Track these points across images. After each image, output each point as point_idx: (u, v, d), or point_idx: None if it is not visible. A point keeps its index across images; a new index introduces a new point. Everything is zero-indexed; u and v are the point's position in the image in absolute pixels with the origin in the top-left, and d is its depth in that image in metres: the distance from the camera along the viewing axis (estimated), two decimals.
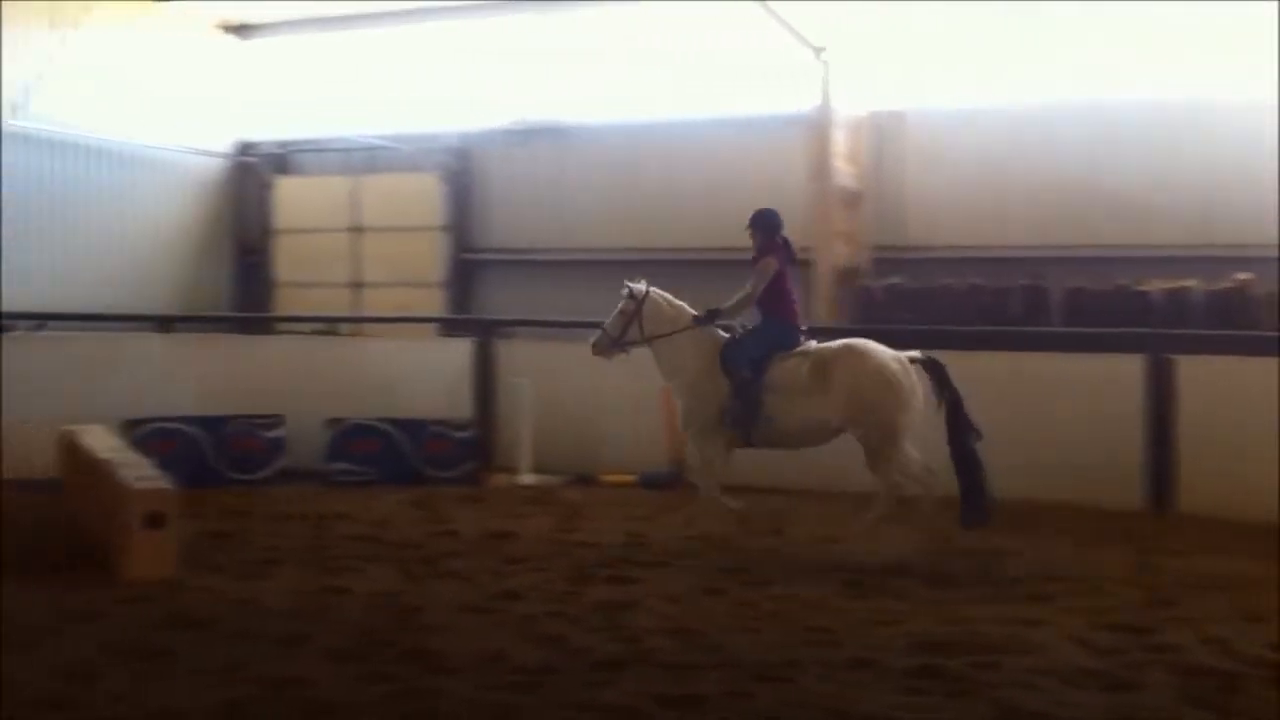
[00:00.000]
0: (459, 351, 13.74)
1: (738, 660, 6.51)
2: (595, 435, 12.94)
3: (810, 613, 7.61)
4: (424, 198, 18.66)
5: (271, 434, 12.80)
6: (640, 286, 10.12)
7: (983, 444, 9.44)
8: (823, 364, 9.53)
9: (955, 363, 12.34)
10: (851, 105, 16.19)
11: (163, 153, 18.37)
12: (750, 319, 10.02)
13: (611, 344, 10.17)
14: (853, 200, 16.15)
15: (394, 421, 12.86)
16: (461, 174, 18.67)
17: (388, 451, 12.77)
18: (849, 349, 9.62)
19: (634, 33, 17.80)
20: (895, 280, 15.77)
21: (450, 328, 16.12)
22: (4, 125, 16.26)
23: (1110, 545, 9.71)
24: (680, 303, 10.13)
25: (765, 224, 10.09)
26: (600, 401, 12.90)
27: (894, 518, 9.44)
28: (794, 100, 16.29)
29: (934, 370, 9.63)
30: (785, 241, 10.08)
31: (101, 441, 10.30)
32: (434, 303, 18.34)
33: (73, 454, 10.57)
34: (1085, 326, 13.92)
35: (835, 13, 15.80)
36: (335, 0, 18.60)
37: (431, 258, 18.59)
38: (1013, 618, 7.44)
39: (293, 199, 19.66)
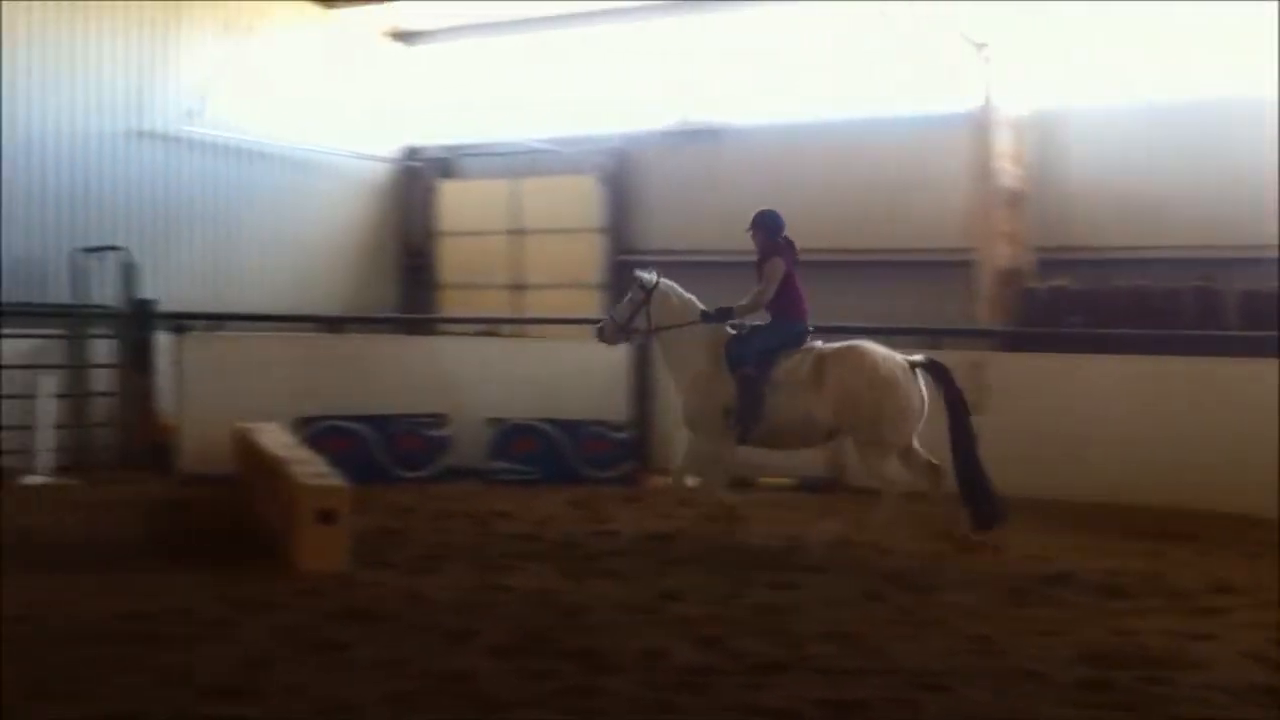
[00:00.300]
0: (617, 352, 13.84)
1: (899, 667, 6.46)
2: None
3: (972, 620, 7.50)
4: (583, 200, 18.85)
5: (436, 433, 13.12)
6: (650, 276, 10.25)
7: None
8: (821, 363, 9.65)
9: (1122, 367, 12.25)
10: (1014, 103, 15.87)
11: (331, 157, 18.90)
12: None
13: (617, 331, 10.36)
14: (1016, 200, 15.82)
15: (553, 421, 13.06)
16: (620, 176, 18.81)
17: (547, 451, 12.98)
18: (849, 349, 9.75)
19: (792, 32, 17.71)
20: (1060, 282, 15.41)
21: None
22: (181, 131, 16.93)
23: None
24: (689, 296, 10.28)
25: (767, 225, 10.13)
26: None
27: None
28: (956, 99, 16.02)
29: (937, 373, 9.73)
30: (788, 242, 10.12)
31: (275, 439, 10.67)
32: (593, 304, 18.50)
33: (248, 450, 10.96)
34: (1260, 330, 13.41)
35: (998, 9, 15.51)
36: (498, 4, 18.90)
37: (590, 259, 18.77)
38: (1181, 630, 7.24)
39: (456, 202, 20.05)
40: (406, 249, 20.16)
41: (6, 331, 13.30)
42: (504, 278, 19.29)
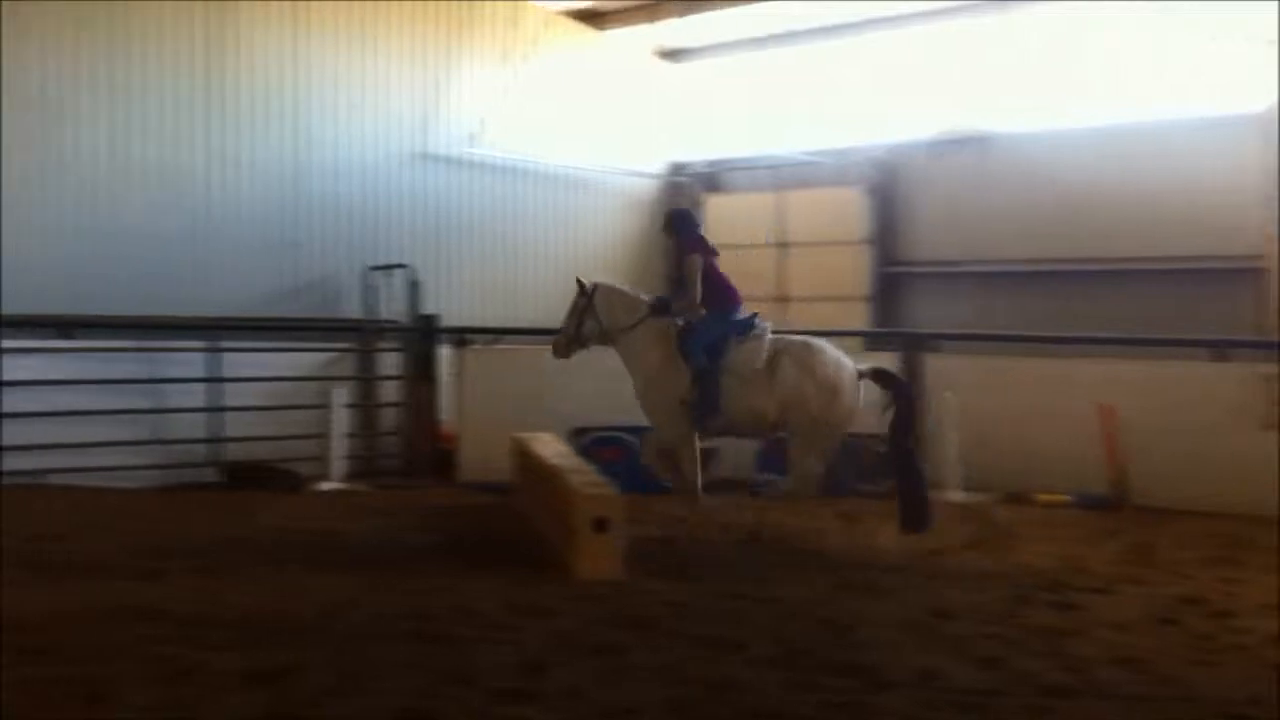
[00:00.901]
0: (885, 364, 13.67)
1: (1197, 695, 6.16)
2: (1028, 452, 12.56)
3: (1276, 648, 7.09)
4: (848, 211, 18.74)
5: (705, 445, 13.19)
6: (588, 281, 10.31)
7: None
8: (774, 356, 9.77)
9: None
10: None
11: (602, 175, 19.36)
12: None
13: (569, 343, 10.37)
14: None
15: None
16: (885, 187, 18.63)
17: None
18: (803, 345, 9.94)
19: (1062, 35, 17.18)
20: None
21: (876, 341, 16.09)
22: (463, 154, 17.66)
23: None
24: (634, 293, 10.37)
25: (681, 224, 10.45)
26: (1033, 418, 12.55)
27: None
28: (1243, 99, 15.21)
29: (882, 379, 9.93)
30: (702, 239, 10.28)
31: (551, 448, 10.96)
32: (859, 316, 18.37)
33: (525, 459, 11.30)
34: None
35: None
36: (763, 19, 18.99)
37: (856, 271, 18.63)
38: None
39: (721, 215, 20.20)
40: (673, 263, 20.41)
41: (303, 345, 14.16)
42: (769, 290, 19.33)
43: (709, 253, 10.32)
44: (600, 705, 5.98)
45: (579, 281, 10.47)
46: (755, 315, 10.25)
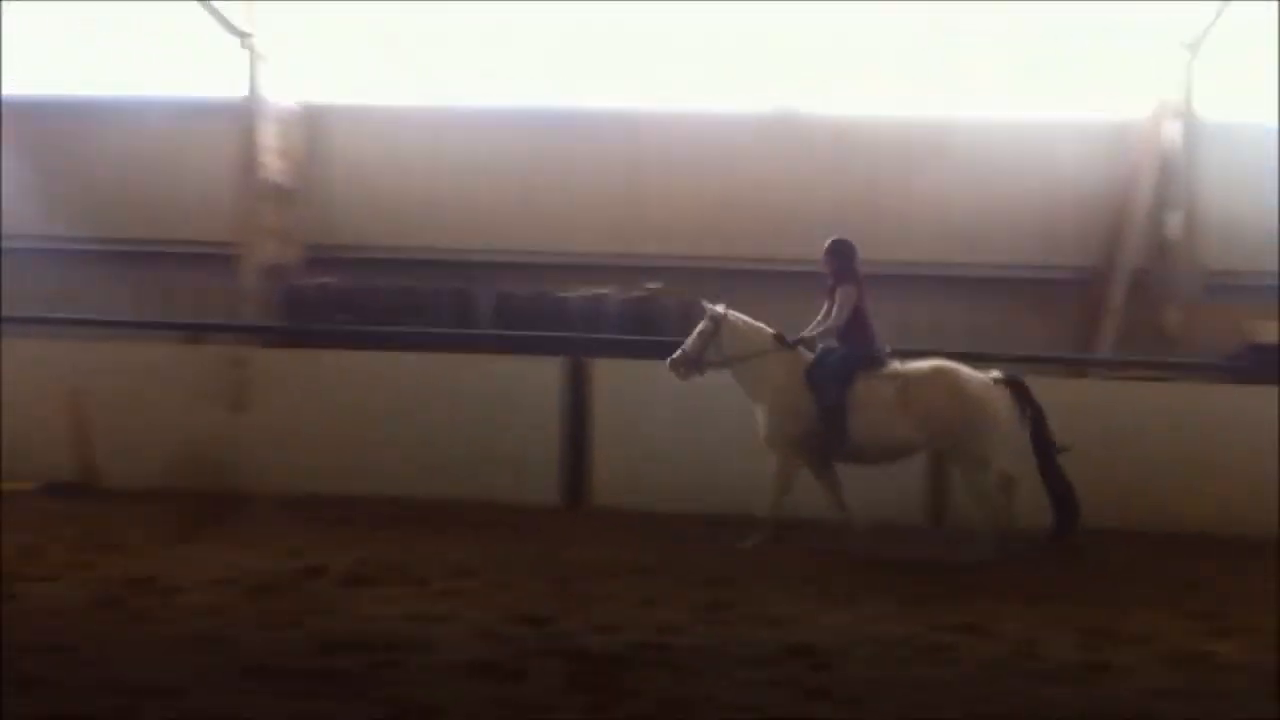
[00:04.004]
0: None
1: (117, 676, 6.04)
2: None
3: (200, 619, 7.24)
4: None
5: None
6: (719, 309, 10.21)
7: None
8: (907, 385, 9.95)
9: (385, 363, 12.50)
10: (282, 96, 15.75)
11: None
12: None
13: (691, 363, 10.22)
14: (283, 195, 15.73)
15: None
16: None
17: None
18: (935, 370, 10.09)
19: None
20: (327, 280, 15.52)
21: None
22: None
23: (523, 540, 10.01)
24: (758, 324, 10.28)
25: (841, 253, 10.23)
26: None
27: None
28: (223, 87, 15.62)
29: (1016, 389, 10.14)
30: (856, 272, 10.22)
31: None
32: None
33: None
34: (510, 330, 14.35)
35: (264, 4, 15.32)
36: None
37: None
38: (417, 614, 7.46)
39: None
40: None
41: None
42: None
43: (862, 287, 10.11)
44: None
45: (706, 308, 10.30)
46: (885, 348, 10.16)
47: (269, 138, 15.53)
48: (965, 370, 10.21)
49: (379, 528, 10.41)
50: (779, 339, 10.31)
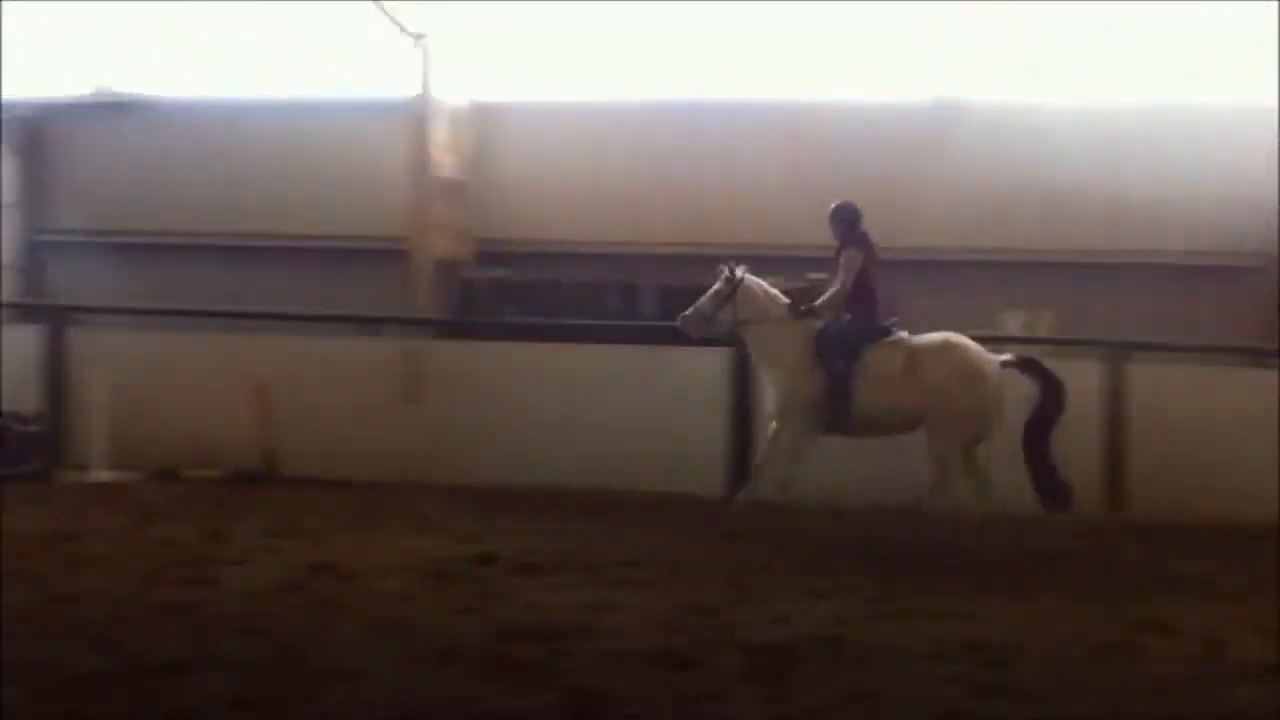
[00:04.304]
0: (28, 339, 12.72)
1: (306, 656, 6.27)
2: (181, 428, 12.30)
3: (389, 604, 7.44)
4: None
5: None
6: (738, 271, 10.25)
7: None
8: (914, 356, 9.96)
9: (556, 354, 12.68)
10: (453, 94, 16.08)
11: None
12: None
13: (703, 322, 10.26)
14: (455, 191, 16.06)
15: None
16: (32, 148, 17.25)
17: None
18: (944, 343, 10.09)
19: (229, 9, 16.99)
20: (497, 273, 15.83)
21: (18, 315, 14.91)
22: None
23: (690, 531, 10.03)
24: (775, 291, 10.33)
25: (845, 218, 10.28)
26: (186, 393, 12.37)
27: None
28: (393, 88, 16.00)
29: (1031, 368, 10.17)
30: (865, 235, 10.25)
31: None
32: (5, 286, 16.90)
33: None
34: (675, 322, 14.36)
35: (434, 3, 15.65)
36: None
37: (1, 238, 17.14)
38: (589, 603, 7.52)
39: None
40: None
41: None
42: None
43: (870, 254, 10.08)
44: None
45: (727, 268, 10.26)
46: (894, 320, 10.21)
47: (440, 135, 15.87)
48: (975, 346, 10.21)
49: (548, 517, 10.56)
50: (792, 308, 10.32)
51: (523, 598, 7.69)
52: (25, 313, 14.72)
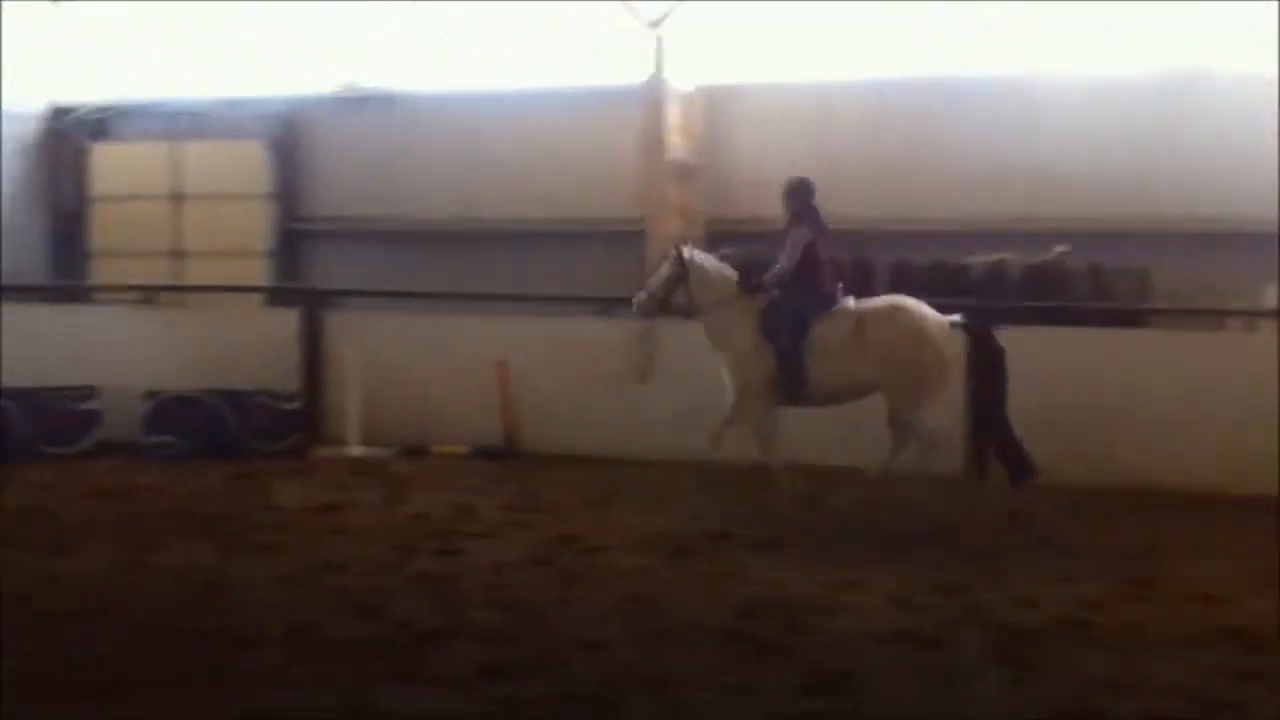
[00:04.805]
0: (285, 321, 13.41)
1: (554, 628, 6.46)
2: (428, 406, 12.77)
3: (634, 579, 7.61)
4: (248, 164, 18.09)
5: (85, 406, 12.37)
6: (686, 252, 10.27)
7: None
8: (861, 323, 9.78)
9: None
10: (685, 77, 16.19)
11: None
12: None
13: (656, 304, 10.31)
14: (686, 173, 16.18)
15: (215, 392, 12.52)
16: (288, 140, 18.18)
17: (208, 423, 12.41)
18: (890, 308, 9.91)
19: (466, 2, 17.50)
20: (726, 253, 15.84)
21: (276, 297, 15.73)
22: None
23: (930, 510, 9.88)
24: (727, 270, 10.27)
25: (799, 193, 10.18)
26: (432, 372, 12.81)
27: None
28: (628, 72, 16.22)
29: (978, 333, 9.95)
30: (815, 211, 10.14)
31: None
32: (259, 273, 17.84)
33: None
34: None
35: None
36: None
37: (256, 226, 18.08)
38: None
39: (109, 165, 18.88)
40: (56, 214, 18.89)
41: None
42: (163, 244, 18.32)
43: (820, 230, 9.97)
44: None
45: (676, 249, 10.28)
46: (839, 290, 9.98)
47: (673, 118, 16.00)
48: (921, 308, 9.87)
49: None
50: (741, 285, 10.14)
51: (761, 575, 7.74)
52: (282, 296, 15.49)
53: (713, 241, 16.20)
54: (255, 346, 13.03)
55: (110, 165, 18.79)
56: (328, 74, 18.04)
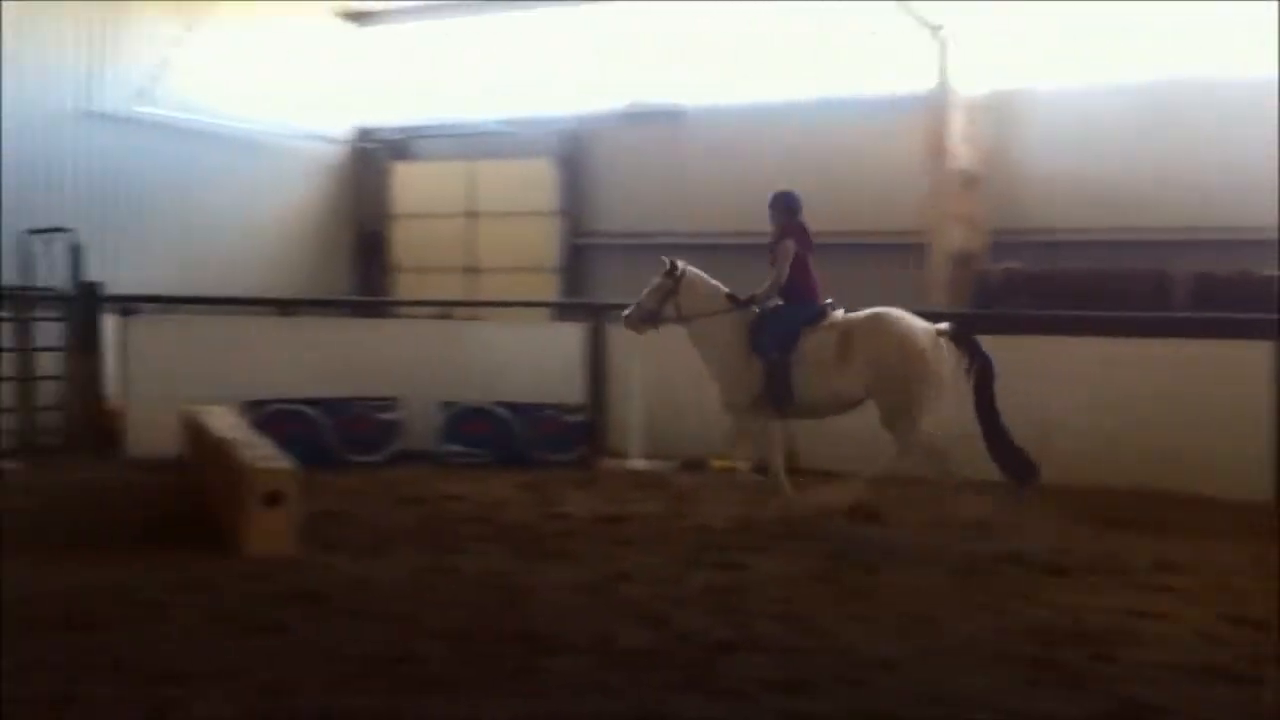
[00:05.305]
0: (571, 335, 13.80)
1: (845, 647, 6.43)
2: (705, 419, 12.85)
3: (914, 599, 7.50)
4: (538, 182, 18.77)
5: (387, 416, 13.02)
6: (678, 265, 10.32)
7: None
8: (848, 335, 9.74)
9: (1076, 349, 12.24)
10: (969, 85, 15.88)
11: (284, 139, 18.71)
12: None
13: (646, 317, 10.37)
14: (970, 182, 15.86)
15: (507, 404, 12.98)
16: (575, 158, 18.74)
17: (500, 434, 12.89)
18: (874, 319, 9.84)
19: (747, 13, 17.66)
20: (1013, 265, 15.45)
21: (563, 312, 16.21)
22: (132, 112, 16.68)
23: (1233, 538, 9.39)
24: (716, 283, 10.37)
25: (784, 206, 10.25)
26: (709, 384, 12.89)
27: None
28: (911, 81, 16.03)
29: (964, 342, 9.74)
30: (802, 225, 10.21)
31: (223, 421, 10.54)
32: (548, 287, 18.44)
33: (196, 433, 10.83)
34: (1211, 311, 13.46)
35: None
36: None
37: (546, 242, 18.70)
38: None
39: (410, 184, 19.92)
40: (359, 231, 20.01)
41: None
42: (458, 261, 19.17)
43: (805, 243, 10.21)
44: (262, 682, 5.75)
45: (668, 262, 10.41)
46: (828, 305, 10.15)
47: (957, 126, 15.73)
48: (907, 318, 9.78)
49: (1073, 517, 10.21)
50: (732, 298, 10.12)
51: (1056, 599, 7.50)
52: (568, 311, 15.95)
53: (998, 252, 15.89)
54: (543, 359, 13.48)
55: (410, 184, 19.83)
56: (613, 92, 18.51)
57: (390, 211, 20.01)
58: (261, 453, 9.14)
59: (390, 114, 20.14)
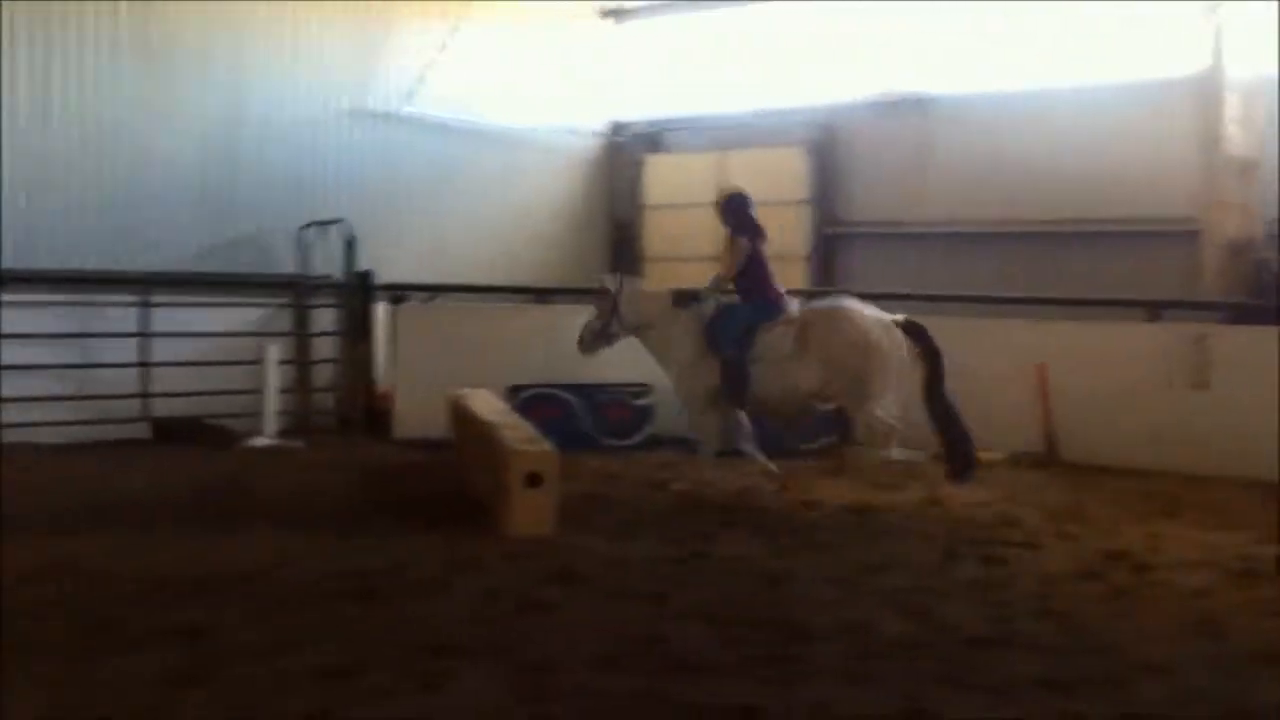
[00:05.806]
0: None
1: (1113, 646, 6.23)
2: (965, 411, 12.62)
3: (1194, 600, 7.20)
4: (789, 172, 18.69)
5: (641, 402, 13.27)
6: (612, 281, 10.64)
7: None
8: (802, 331, 9.87)
9: None
10: (1244, 67, 15.04)
11: (542, 135, 19.20)
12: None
13: (595, 339, 10.58)
14: (1245, 169, 15.04)
15: None
16: (826, 147, 18.61)
17: (753, 422, 12.92)
18: (829, 313, 10.03)
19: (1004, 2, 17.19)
20: (1265, 255, 14.62)
21: (812, 299, 16.12)
22: (400, 111, 17.42)
23: None
24: (654, 289, 10.72)
25: (733, 209, 10.39)
26: (968, 376, 12.57)
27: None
28: (1181, 63, 15.30)
29: (915, 333, 9.84)
30: (755, 223, 10.32)
31: (487, 405, 10.92)
32: (798, 275, 18.38)
33: (461, 416, 11.25)
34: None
35: None
36: None
37: (796, 231, 18.63)
38: None
39: (662, 176, 20.15)
40: (614, 222, 20.38)
41: (236, 300, 14.03)
42: (709, 250, 19.27)
43: (758, 239, 10.42)
44: (527, 659, 5.96)
45: (602, 280, 10.87)
46: (783, 298, 10.35)
47: (1231, 110, 14.93)
48: (860, 309, 9.98)
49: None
50: (677, 299, 10.31)
51: None
52: (819, 298, 15.85)
53: (1275, 242, 15.02)
54: None
55: (662, 176, 20.06)
56: (864, 80, 18.31)
57: (642, 203, 20.29)
58: (523, 434, 9.44)
59: (643, 108, 20.42)
